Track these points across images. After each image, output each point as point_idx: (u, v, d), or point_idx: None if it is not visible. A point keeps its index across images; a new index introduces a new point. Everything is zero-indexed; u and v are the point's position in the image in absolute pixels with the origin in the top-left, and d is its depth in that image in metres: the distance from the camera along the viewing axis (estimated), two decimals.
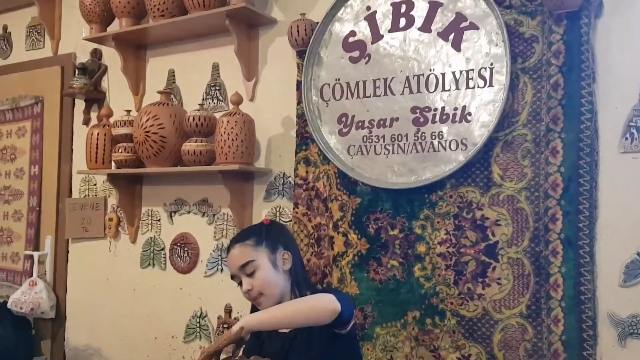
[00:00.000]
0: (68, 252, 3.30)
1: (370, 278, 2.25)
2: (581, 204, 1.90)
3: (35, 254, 3.27)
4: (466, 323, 2.05)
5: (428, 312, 2.12)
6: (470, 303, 2.05)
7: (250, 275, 1.58)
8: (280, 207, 2.55)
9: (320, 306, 1.40)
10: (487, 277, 2.03)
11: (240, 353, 1.55)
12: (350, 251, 2.31)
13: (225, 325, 2.58)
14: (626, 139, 1.86)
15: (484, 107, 2.05)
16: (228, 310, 2.65)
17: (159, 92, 2.73)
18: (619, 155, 1.87)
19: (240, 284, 1.63)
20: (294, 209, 2.48)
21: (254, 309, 1.68)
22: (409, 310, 2.15)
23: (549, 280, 1.92)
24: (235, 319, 2.62)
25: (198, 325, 2.75)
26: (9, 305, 3.17)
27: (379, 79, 2.27)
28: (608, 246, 1.86)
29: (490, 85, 2.04)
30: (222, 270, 2.71)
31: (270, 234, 1.65)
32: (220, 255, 2.71)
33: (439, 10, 2.16)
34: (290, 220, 2.50)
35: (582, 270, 1.88)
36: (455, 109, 2.11)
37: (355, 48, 2.34)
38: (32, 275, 3.24)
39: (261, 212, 2.60)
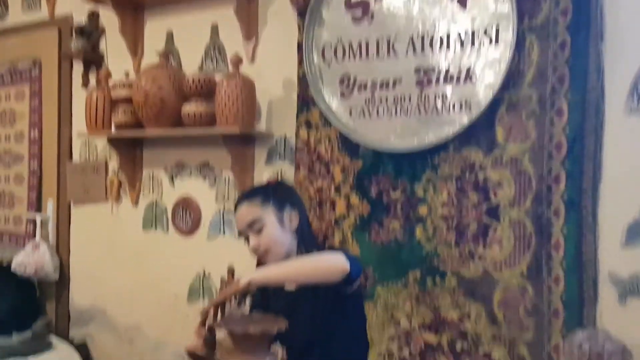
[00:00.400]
0: (70, 215, 3.31)
1: (372, 240, 2.26)
2: (585, 164, 1.89)
3: (38, 217, 3.28)
4: (466, 283, 2.06)
5: (429, 273, 2.13)
6: (471, 264, 2.06)
7: (258, 232, 1.59)
8: (281, 171, 2.55)
9: (329, 265, 1.41)
10: (488, 238, 2.03)
11: (247, 307, 1.56)
12: (351, 214, 2.32)
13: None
14: (632, 99, 1.84)
15: (489, 67, 2.02)
16: (231, 271, 2.67)
17: (158, 53, 2.69)
18: (624, 115, 1.85)
19: (247, 240, 1.63)
20: (295, 172, 2.48)
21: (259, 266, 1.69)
22: (410, 271, 2.17)
23: (551, 241, 1.93)
24: (237, 279, 2.64)
25: (201, 286, 2.78)
26: (12, 267, 3.19)
27: (382, 39, 2.23)
28: (611, 207, 1.86)
29: (496, 43, 2.00)
30: (224, 232, 2.72)
31: (277, 193, 1.65)
32: (222, 218, 2.72)
33: None
34: (292, 184, 2.49)
35: (584, 230, 1.88)
36: (460, 69, 2.08)
37: (358, 7, 2.29)
38: (35, 238, 3.26)
39: (262, 175, 2.60)
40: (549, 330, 1.92)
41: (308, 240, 1.66)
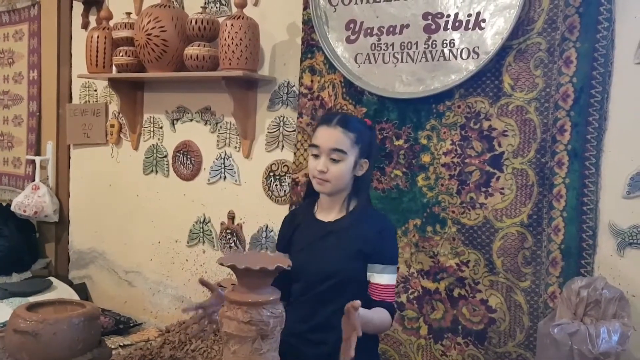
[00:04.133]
0: (70, 157, 3.30)
1: (374, 187, 2.26)
2: (591, 115, 1.88)
3: (37, 159, 3.27)
4: (467, 231, 2.08)
5: (429, 220, 2.15)
6: (472, 212, 2.07)
7: (333, 161, 1.58)
8: (284, 117, 2.53)
9: (387, 327, 1.61)
10: (490, 186, 2.04)
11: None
12: None
13: (228, 231, 2.62)
14: None
15: (499, 13, 1.98)
16: (231, 216, 2.69)
17: None
18: (633, 66, 1.83)
19: (315, 156, 1.62)
20: (298, 118, 2.46)
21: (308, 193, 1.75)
22: (411, 218, 2.18)
23: (552, 191, 1.93)
24: (237, 224, 2.66)
25: (201, 230, 2.79)
26: (12, 208, 3.20)
27: None
28: (614, 158, 1.86)
29: None
30: (225, 177, 2.71)
31: (367, 138, 1.64)
32: (224, 163, 2.71)
33: None
34: (294, 130, 2.48)
35: (586, 181, 1.88)
36: (469, 15, 2.04)
37: None
38: (34, 180, 3.26)
39: (265, 121, 2.58)
40: (547, 279, 1.94)
41: (363, 192, 1.66)
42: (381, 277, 1.59)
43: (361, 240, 1.60)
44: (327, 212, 1.69)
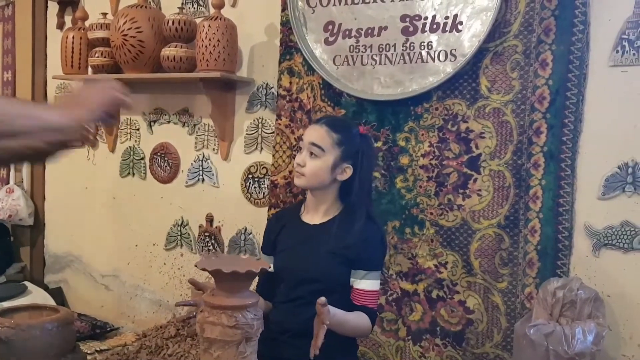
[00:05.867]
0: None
1: None
2: (567, 117, 1.90)
3: None
4: (444, 232, 2.08)
5: (408, 222, 2.15)
6: (450, 213, 2.07)
7: (311, 155, 1.60)
8: (262, 119, 2.51)
9: (366, 332, 1.61)
10: (467, 188, 2.05)
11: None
12: None
13: (206, 234, 2.60)
14: (617, 52, 1.83)
15: (476, 15, 1.99)
16: (209, 219, 2.66)
17: None
18: (608, 68, 1.85)
19: (300, 152, 1.67)
20: (276, 120, 2.44)
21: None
22: (389, 220, 2.18)
23: (529, 192, 1.95)
24: (216, 227, 2.64)
25: (179, 233, 2.76)
26: None
27: None
28: (590, 159, 1.88)
29: None
30: (203, 180, 2.69)
31: (354, 144, 1.64)
32: (202, 165, 2.69)
33: None
34: (273, 132, 2.46)
35: (562, 182, 1.90)
36: (447, 17, 2.05)
37: None
38: (8, 183, 3.20)
39: (243, 123, 2.56)
40: (524, 279, 1.96)
41: (357, 199, 1.64)
42: (363, 283, 1.60)
43: (344, 245, 1.60)
44: (313, 215, 1.69)
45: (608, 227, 1.85)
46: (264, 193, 2.50)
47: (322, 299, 1.34)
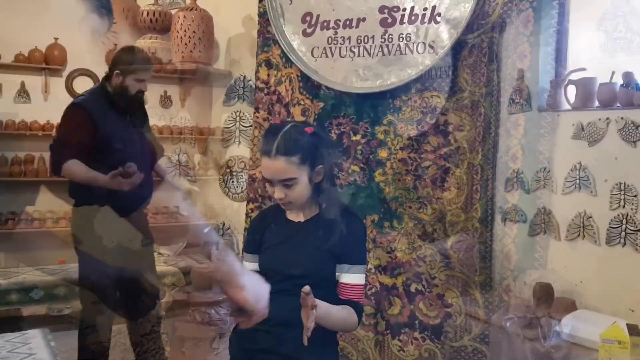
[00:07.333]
0: None
1: None
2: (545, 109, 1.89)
3: None
4: (423, 226, 2.07)
5: (387, 216, 2.13)
6: (429, 207, 2.06)
7: (288, 187, 1.54)
8: (240, 112, 2.48)
9: (352, 325, 1.53)
10: (446, 182, 2.03)
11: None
12: None
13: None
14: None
15: (454, 7, 1.97)
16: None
17: None
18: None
19: (271, 185, 1.57)
20: (254, 113, 2.41)
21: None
22: (368, 214, 2.16)
23: (507, 185, 1.94)
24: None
25: None
26: None
27: None
28: None
29: None
30: (180, 174, 2.65)
31: (313, 149, 1.58)
32: (179, 158, 2.64)
33: None
34: (251, 125, 2.43)
35: (539, 176, 1.90)
36: (425, 8, 2.03)
37: None
38: None
39: (220, 116, 2.53)
40: (501, 272, 1.95)
41: (328, 195, 1.60)
42: (348, 277, 1.58)
43: (330, 240, 1.58)
44: (297, 213, 1.66)
45: (577, 215, 1.82)
46: (242, 187, 2.47)
47: (307, 288, 1.31)
